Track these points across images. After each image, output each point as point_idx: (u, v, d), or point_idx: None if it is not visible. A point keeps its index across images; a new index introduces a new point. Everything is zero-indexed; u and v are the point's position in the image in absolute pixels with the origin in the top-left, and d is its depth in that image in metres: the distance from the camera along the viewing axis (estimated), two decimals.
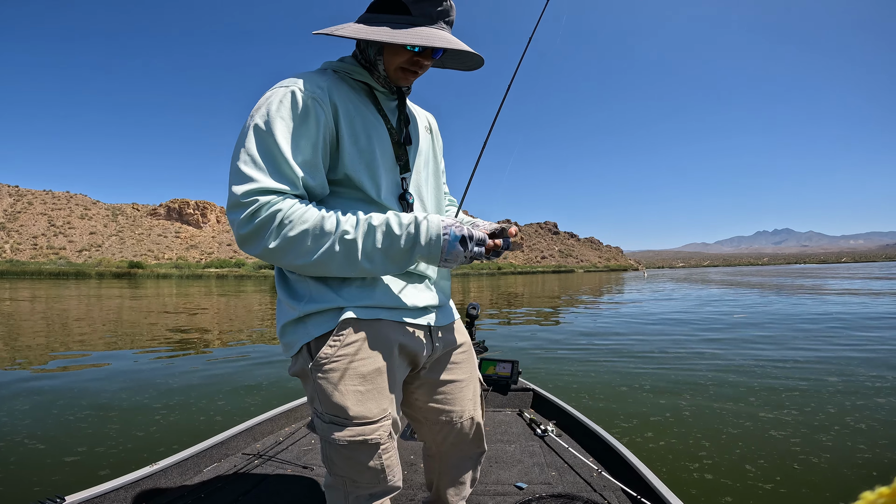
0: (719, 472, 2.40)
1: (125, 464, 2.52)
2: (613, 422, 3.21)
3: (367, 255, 0.87)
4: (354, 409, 0.89)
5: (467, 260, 0.92)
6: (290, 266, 0.88)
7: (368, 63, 1.00)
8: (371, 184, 0.97)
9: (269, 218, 0.82)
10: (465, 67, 1.12)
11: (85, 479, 2.25)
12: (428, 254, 0.90)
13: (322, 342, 0.92)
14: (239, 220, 0.83)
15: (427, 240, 0.89)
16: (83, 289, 28.36)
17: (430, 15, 0.94)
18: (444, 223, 0.90)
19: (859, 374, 4.41)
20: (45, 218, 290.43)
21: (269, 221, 0.82)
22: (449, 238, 0.89)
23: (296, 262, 0.86)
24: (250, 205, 0.82)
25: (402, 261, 0.90)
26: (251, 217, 0.82)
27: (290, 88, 0.89)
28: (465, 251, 0.91)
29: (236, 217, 0.83)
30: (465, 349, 1.17)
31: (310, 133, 0.89)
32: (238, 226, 0.83)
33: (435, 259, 0.90)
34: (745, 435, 2.91)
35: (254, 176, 0.83)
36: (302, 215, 0.84)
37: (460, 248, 0.90)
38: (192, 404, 3.70)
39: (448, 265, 0.92)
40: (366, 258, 0.87)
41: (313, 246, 0.85)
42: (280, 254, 0.85)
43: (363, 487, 0.94)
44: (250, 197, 0.82)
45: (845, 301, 12.84)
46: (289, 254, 0.85)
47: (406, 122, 1.06)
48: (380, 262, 0.89)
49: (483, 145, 1.34)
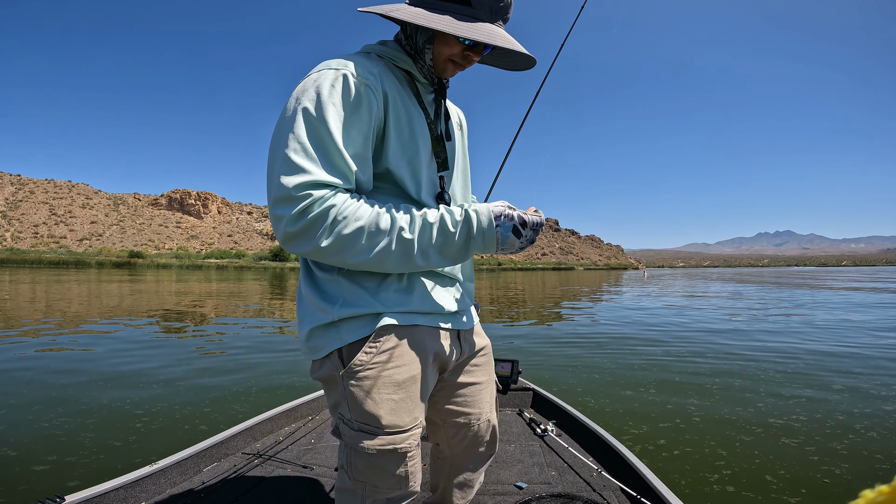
0: (740, 483, 2.31)
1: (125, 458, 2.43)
2: (623, 428, 3.10)
3: (423, 253, 0.84)
4: (387, 419, 0.87)
5: (523, 247, 0.89)
6: (338, 263, 0.82)
7: (414, 50, 0.95)
8: (411, 180, 0.93)
9: (323, 214, 0.77)
10: (510, 67, 1.07)
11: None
12: (483, 247, 0.87)
13: (356, 348, 0.87)
14: (289, 216, 0.76)
15: (480, 231, 0.86)
16: (81, 276, 28.35)
17: (493, 10, 0.89)
18: (494, 212, 0.87)
19: (863, 378, 4.34)
20: (47, 207, 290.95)
21: (322, 218, 0.77)
22: (502, 227, 0.86)
23: (348, 261, 0.81)
24: (303, 199, 0.76)
25: (457, 256, 0.88)
26: (302, 213, 0.76)
27: (343, 72, 0.83)
28: (520, 240, 0.88)
29: (286, 213, 0.76)
30: (485, 352, 1.16)
31: (362, 123, 0.83)
32: (287, 223, 0.77)
33: (491, 250, 0.88)
34: (759, 443, 2.83)
35: (306, 167, 0.77)
36: (356, 211, 0.79)
37: (514, 237, 0.87)
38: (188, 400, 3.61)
39: (504, 253, 0.90)
40: (421, 255, 0.84)
41: (368, 244, 0.80)
42: (331, 252, 0.79)
43: (382, 492, 0.92)
44: (303, 191, 0.76)
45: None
46: (341, 252, 0.80)
47: (445, 116, 1.02)
48: (435, 258, 0.86)
49: (507, 151, 1.29)
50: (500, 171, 1.26)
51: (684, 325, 8.41)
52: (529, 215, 0.88)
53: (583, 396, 3.87)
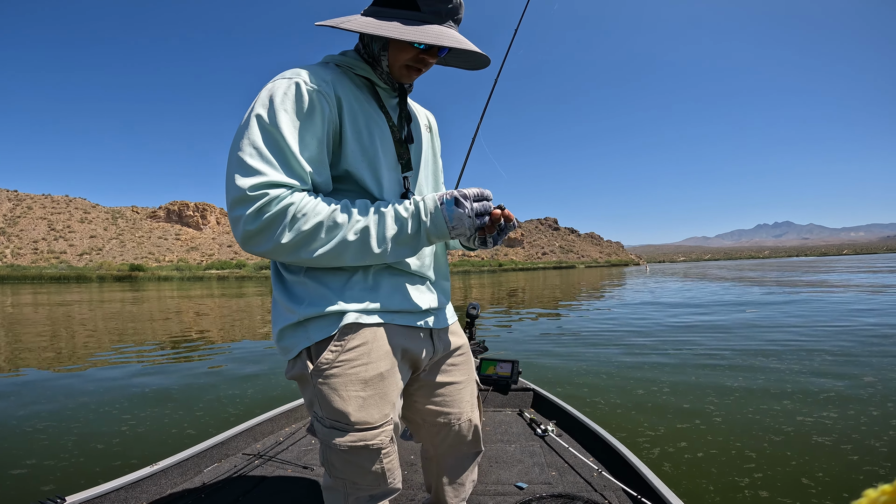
0: (775, 488, 2.22)
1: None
2: (637, 430, 3.00)
3: (380, 243, 0.86)
4: (356, 415, 0.88)
5: (473, 221, 0.89)
6: (297, 260, 0.85)
7: (371, 58, 0.98)
8: (373, 181, 0.95)
9: (281, 212, 0.79)
10: (470, 66, 1.09)
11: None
12: (435, 230, 0.89)
13: (323, 347, 0.89)
14: (246, 215, 0.78)
15: (428, 214, 0.88)
16: (84, 294, 28.37)
17: (440, 12, 0.92)
18: (437, 195, 0.90)
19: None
20: (45, 222, 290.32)
21: (280, 216, 0.79)
22: (445, 205, 0.88)
23: (307, 256, 0.83)
24: (259, 199, 0.78)
25: (413, 243, 0.89)
26: (259, 212, 0.79)
27: (294, 80, 0.86)
28: (465, 211, 0.88)
29: (242, 212, 0.79)
30: (463, 351, 1.16)
31: (315, 128, 0.86)
32: (245, 222, 0.79)
33: (443, 231, 0.89)
34: (791, 443, 2.70)
35: (261, 169, 0.79)
36: (314, 208, 0.82)
37: (459, 210, 0.88)
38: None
39: (458, 233, 0.90)
40: (378, 245, 0.86)
41: (326, 238, 0.83)
42: (291, 249, 0.82)
43: (363, 489, 0.94)
44: (259, 190, 0.78)
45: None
46: (301, 248, 0.82)
47: (408, 119, 1.05)
48: (393, 247, 0.88)
49: (472, 139, 1.35)
50: (463, 167, 1.30)
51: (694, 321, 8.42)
52: (469, 189, 0.90)
53: (592, 398, 3.80)
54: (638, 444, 2.77)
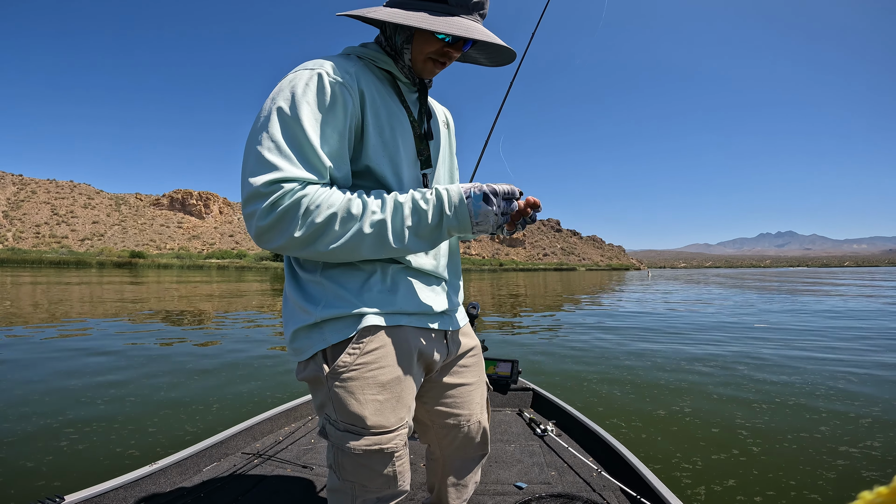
0: (775, 488, 2.17)
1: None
2: (637, 430, 2.95)
3: (397, 235, 0.83)
4: (372, 419, 0.87)
5: (499, 218, 0.86)
6: (312, 254, 0.81)
7: (394, 51, 0.96)
8: (393, 177, 0.93)
9: (294, 205, 0.76)
10: (492, 62, 1.07)
11: None
12: (458, 223, 0.85)
13: (340, 349, 0.87)
14: (259, 210, 0.76)
15: (452, 207, 0.85)
16: (83, 276, 28.38)
17: (467, 5, 0.89)
18: (463, 188, 0.87)
19: None
20: (49, 207, 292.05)
21: (293, 209, 0.76)
22: (472, 199, 0.85)
23: (322, 250, 0.80)
24: (272, 193, 0.76)
25: (433, 236, 0.86)
26: (273, 206, 0.76)
27: (317, 71, 0.84)
28: (493, 209, 0.84)
29: (256, 207, 0.76)
30: (475, 353, 1.15)
31: (337, 121, 0.84)
32: (259, 217, 0.76)
33: (466, 226, 0.85)
34: (790, 443, 2.68)
35: (278, 164, 0.77)
36: (328, 199, 0.79)
37: (486, 206, 0.84)
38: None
39: (480, 230, 0.87)
40: (396, 238, 0.83)
41: (341, 230, 0.80)
42: (305, 242, 0.79)
43: (372, 492, 0.92)
44: (273, 185, 0.76)
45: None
46: (316, 241, 0.79)
47: (428, 115, 1.03)
48: (411, 240, 0.85)
49: (487, 138, 1.29)
50: (478, 161, 1.28)
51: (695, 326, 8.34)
52: (499, 185, 0.87)
53: (606, 406, 3.76)
54: (637, 445, 2.75)
